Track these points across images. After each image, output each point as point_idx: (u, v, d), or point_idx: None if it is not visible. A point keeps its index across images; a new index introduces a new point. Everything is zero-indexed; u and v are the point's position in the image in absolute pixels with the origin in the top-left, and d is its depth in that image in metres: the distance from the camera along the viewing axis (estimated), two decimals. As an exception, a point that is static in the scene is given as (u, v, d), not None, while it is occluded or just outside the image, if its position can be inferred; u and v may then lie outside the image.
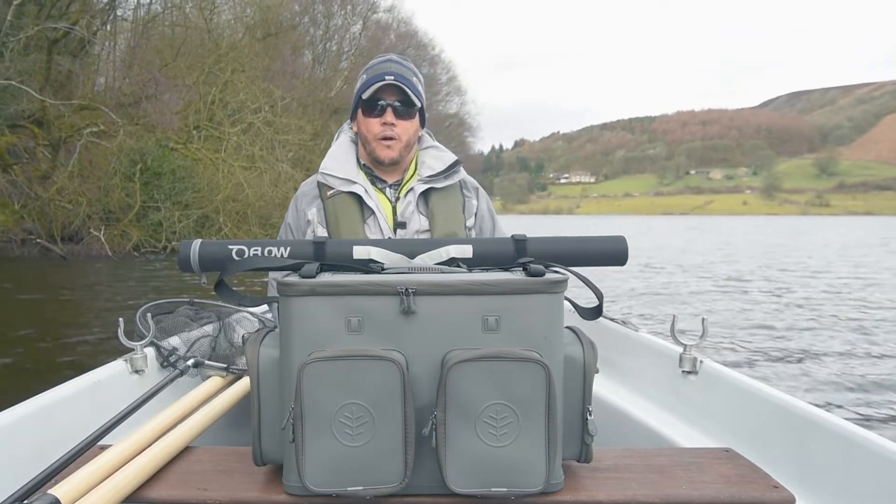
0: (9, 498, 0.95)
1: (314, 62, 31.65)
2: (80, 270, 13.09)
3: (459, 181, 1.81)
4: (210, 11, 22.86)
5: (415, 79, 1.73)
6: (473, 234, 1.81)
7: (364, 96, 1.69)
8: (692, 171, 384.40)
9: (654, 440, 1.59)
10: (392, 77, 1.66)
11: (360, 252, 1.26)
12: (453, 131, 53.33)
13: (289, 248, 1.28)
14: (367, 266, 1.19)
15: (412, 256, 1.28)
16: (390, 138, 1.70)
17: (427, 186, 1.75)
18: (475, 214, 1.81)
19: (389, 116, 1.69)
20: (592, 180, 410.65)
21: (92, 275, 12.65)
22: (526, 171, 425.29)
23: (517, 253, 1.31)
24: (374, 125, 1.71)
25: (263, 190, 18.84)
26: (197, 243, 1.29)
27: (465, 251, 1.30)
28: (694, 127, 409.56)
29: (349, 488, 1.01)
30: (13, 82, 15.70)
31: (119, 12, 21.50)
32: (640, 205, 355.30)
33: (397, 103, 1.69)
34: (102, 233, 16.11)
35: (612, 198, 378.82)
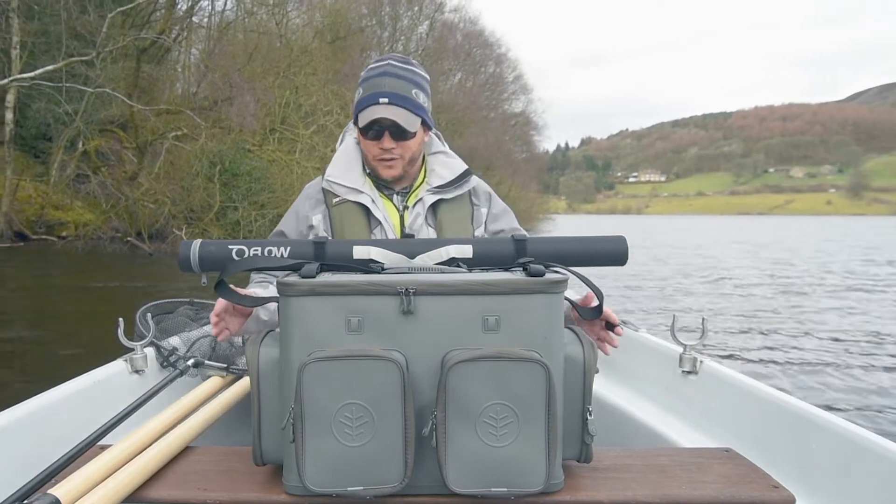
0: (9, 498, 0.96)
1: (381, 64, 32.11)
2: (165, 266, 13.82)
3: (469, 190, 1.73)
4: (282, 16, 23.65)
5: (414, 90, 1.59)
6: (488, 237, 1.73)
7: (359, 123, 1.60)
8: (771, 170, 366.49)
9: (654, 440, 1.58)
10: (387, 100, 1.55)
11: (360, 252, 1.26)
12: (519, 130, 52.93)
13: (289, 248, 1.28)
14: (367, 266, 1.19)
15: (412, 256, 1.28)
16: (390, 159, 1.62)
17: (436, 198, 1.68)
18: (485, 223, 1.73)
19: (387, 141, 1.59)
20: (663, 179, 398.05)
21: (175, 270, 13.34)
22: (593, 169, 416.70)
23: (517, 253, 1.30)
24: (372, 147, 1.61)
25: (336, 191, 19.27)
26: (197, 243, 1.29)
27: (465, 251, 1.29)
28: (773, 123, 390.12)
29: (349, 488, 1.01)
30: (107, 89, 16.78)
31: (195, 19, 22.59)
32: (713, 204, 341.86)
33: (394, 126, 1.57)
34: (184, 231, 16.92)
35: (684, 197, 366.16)
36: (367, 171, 1.71)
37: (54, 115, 16.81)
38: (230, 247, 1.28)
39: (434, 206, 1.68)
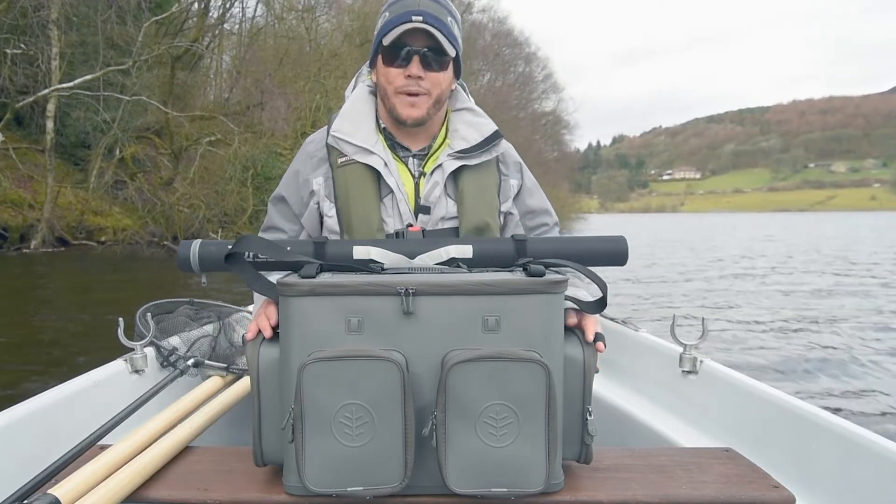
0: (9, 498, 0.97)
1: (409, 65, 32.35)
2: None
3: (497, 156, 1.51)
4: (311, 21, 23.99)
5: (449, 18, 1.40)
6: (515, 214, 1.56)
7: (385, 42, 1.37)
8: (811, 165, 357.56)
9: (654, 440, 1.58)
10: (420, 18, 1.34)
11: (360, 252, 1.26)
12: (549, 129, 52.64)
13: (289, 248, 1.26)
14: (367, 266, 1.19)
15: (412, 257, 1.27)
16: (416, 94, 1.40)
17: (459, 164, 1.45)
18: (513, 198, 1.53)
19: (416, 67, 1.37)
20: (698, 176, 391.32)
21: (210, 274, 13.71)
22: (625, 167, 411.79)
23: (517, 253, 1.28)
24: (396, 77, 1.39)
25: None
26: (196, 243, 1.29)
27: (465, 251, 1.27)
28: (812, 116, 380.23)
29: (349, 488, 1.01)
30: (143, 97, 17.25)
31: (226, 26, 23.08)
32: (751, 201, 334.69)
33: (426, 51, 1.37)
34: (219, 234, 17.27)
35: (720, 194, 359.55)
36: (382, 126, 1.50)
37: (92, 123, 17.30)
38: (230, 247, 1.27)
39: (455, 174, 1.47)
